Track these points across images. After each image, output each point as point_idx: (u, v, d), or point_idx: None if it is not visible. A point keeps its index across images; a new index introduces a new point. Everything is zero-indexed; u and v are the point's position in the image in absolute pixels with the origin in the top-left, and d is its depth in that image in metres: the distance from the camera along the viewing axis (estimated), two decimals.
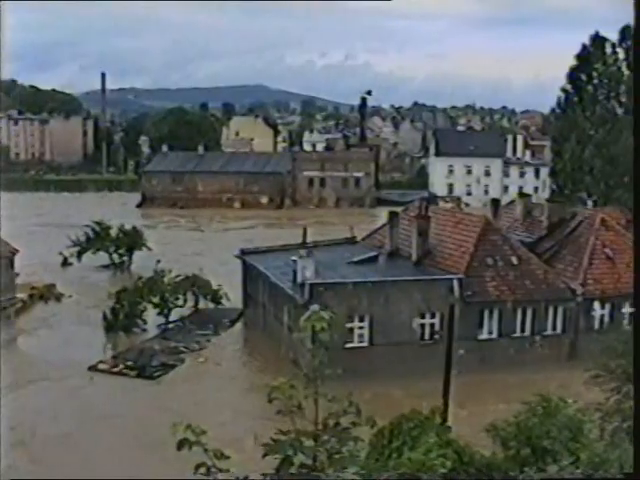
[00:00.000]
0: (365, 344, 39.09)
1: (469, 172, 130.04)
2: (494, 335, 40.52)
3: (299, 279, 39.55)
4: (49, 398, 37.31)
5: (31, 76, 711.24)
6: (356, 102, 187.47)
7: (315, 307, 5.32)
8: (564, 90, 75.65)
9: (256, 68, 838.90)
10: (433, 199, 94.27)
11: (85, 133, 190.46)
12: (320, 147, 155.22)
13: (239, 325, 50.51)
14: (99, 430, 32.92)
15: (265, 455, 5.27)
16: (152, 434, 30.32)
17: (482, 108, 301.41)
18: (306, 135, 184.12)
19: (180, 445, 4.95)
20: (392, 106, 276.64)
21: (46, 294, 56.89)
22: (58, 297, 57.16)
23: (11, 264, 54.64)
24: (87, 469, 28.98)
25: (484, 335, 40.42)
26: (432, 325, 39.60)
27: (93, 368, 41.04)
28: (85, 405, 36.12)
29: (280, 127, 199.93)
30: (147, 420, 33.58)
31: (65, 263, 69.01)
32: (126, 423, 33.94)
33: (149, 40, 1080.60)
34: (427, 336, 39.61)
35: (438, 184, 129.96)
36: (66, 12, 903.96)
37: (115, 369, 40.92)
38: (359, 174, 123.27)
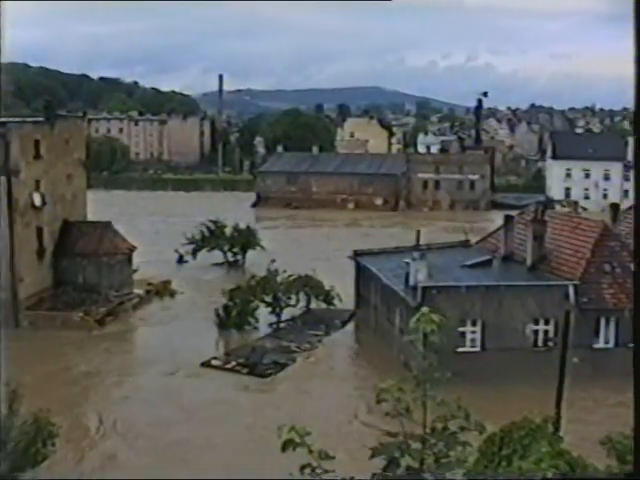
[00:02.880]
0: (477, 349, 38.63)
1: (587, 176, 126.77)
2: (610, 344, 39.33)
3: (412, 281, 39.37)
4: (160, 392, 38.15)
5: (155, 78, 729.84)
6: (472, 104, 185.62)
7: (425, 309, 5.28)
8: None
9: (375, 70, 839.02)
10: (549, 203, 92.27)
11: (202, 133, 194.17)
12: (435, 149, 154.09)
13: (350, 326, 50.57)
14: (207, 425, 33.52)
15: (372, 456, 5.26)
16: (261, 432, 30.70)
17: (602, 110, 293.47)
18: (421, 137, 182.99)
19: (285, 446, 4.97)
20: (508, 108, 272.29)
21: (162, 290, 58.20)
22: (173, 293, 58.42)
23: (129, 260, 56.14)
24: (193, 463, 29.54)
25: (600, 344, 39.37)
26: (546, 332, 38.82)
27: (206, 364, 41.80)
28: (196, 400, 36.82)
29: (395, 129, 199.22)
30: (257, 418, 34.00)
31: (181, 260, 70.49)
32: (237, 419, 34.42)
33: (272, 42, 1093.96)
34: (540, 343, 38.85)
35: (555, 188, 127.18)
36: (192, 15, 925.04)
37: (227, 366, 41.56)
38: (474, 177, 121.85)
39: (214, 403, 36.40)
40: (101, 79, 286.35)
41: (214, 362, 42.21)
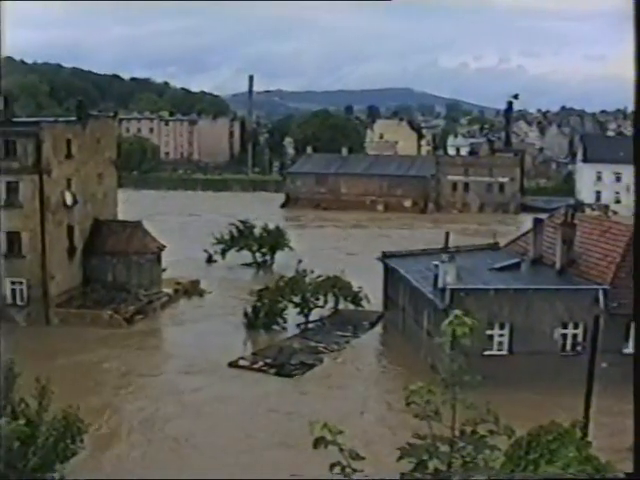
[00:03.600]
0: (504, 352, 38.49)
1: (618, 179, 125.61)
2: None
3: (440, 284, 39.30)
4: (188, 390, 38.36)
5: (186, 79, 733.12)
6: (502, 106, 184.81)
7: (458, 312, 5.29)
8: None
9: (407, 71, 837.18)
10: (579, 206, 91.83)
11: (232, 134, 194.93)
12: (464, 151, 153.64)
13: (378, 328, 50.55)
14: (234, 424, 33.65)
15: (400, 458, 5.27)
16: (289, 431, 30.79)
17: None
18: (450, 139, 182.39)
19: (316, 443, 4.99)
20: (539, 110, 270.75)
21: (190, 290, 58.49)
22: (201, 293, 58.69)
23: (158, 259, 56.46)
24: (220, 459, 29.67)
25: (629, 349, 39.02)
26: (574, 336, 38.59)
27: (233, 364, 41.95)
28: (224, 399, 36.97)
29: (424, 130, 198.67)
30: (285, 417, 34.10)
31: (209, 260, 70.80)
32: (263, 418, 34.52)
33: (303, 43, 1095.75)
34: (569, 347, 38.63)
35: (585, 191, 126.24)
36: (224, 16, 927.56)
37: (255, 366, 41.68)
38: (503, 179, 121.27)
39: (239, 402, 36.55)
40: (132, 79, 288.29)
41: (241, 362, 42.36)
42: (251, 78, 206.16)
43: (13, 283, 50.62)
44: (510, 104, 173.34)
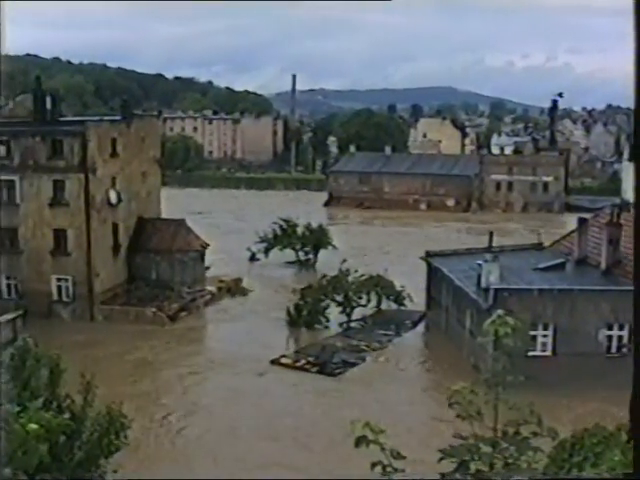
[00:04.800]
0: (548, 353, 38.14)
1: None
2: None
3: (483, 283, 39.08)
4: (230, 387, 38.53)
5: (230, 78, 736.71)
6: (547, 104, 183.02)
7: (500, 312, 5.26)
8: None
9: (452, 70, 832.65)
10: (625, 206, 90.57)
11: (275, 133, 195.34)
12: (508, 150, 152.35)
13: (421, 327, 50.38)
14: (275, 421, 33.75)
15: (442, 459, 5.26)
16: (330, 429, 30.81)
17: None
18: (494, 138, 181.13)
19: (358, 442, 4.99)
20: (584, 108, 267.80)
21: (233, 288, 58.70)
22: (244, 291, 58.87)
23: (202, 257, 56.77)
24: (260, 456, 29.78)
25: None
26: (620, 338, 38.10)
27: (276, 362, 42.08)
28: (265, 396, 37.09)
29: (468, 129, 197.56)
30: (324, 415, 34.13)
31: (253, 258, 71.01)
32: (305, 417, 34.58)
33: (348, 42, 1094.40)
34: (614, 349, 38.15)
35: (631, 190, 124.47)
36: (270, 15, 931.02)
37: (297, 364, 41.76)
38: (548, 178, 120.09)
39: (282, 399, 36.67)
40: (176, 78, 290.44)
41: (283, 360, 42.47)
42: (294, 77, 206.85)
43: (59, 280, 51.26)
44: (555, 102, 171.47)
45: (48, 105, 54.13)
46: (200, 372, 41.71)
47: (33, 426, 9.06)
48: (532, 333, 37.22)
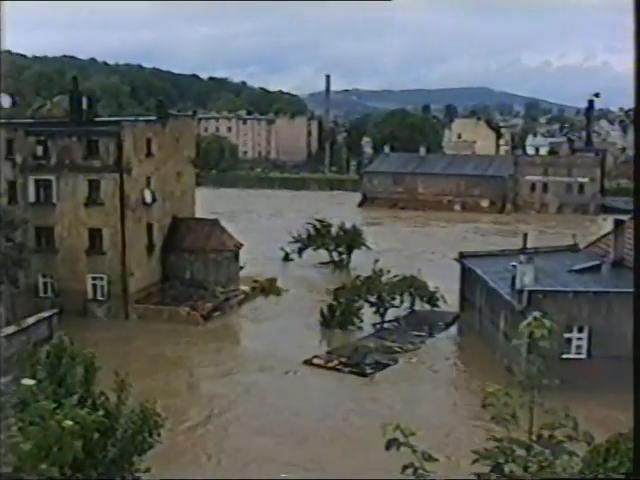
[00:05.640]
0: (583, 356, 37.81)
1: None
2: None
3: (518, 285, 38.81)
4: (264, 387, 38.62)
5: (266, 78, 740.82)
6: (583, 105, 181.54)
7: (536, 313, 5.21)
8: None
9: (488, 70, 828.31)
10: None
11: (309, 133, 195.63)
12: (543, 151, 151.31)
13: (454, 328, 50.17)
14: (306, 421, 33.76)
15: (475, 461, 5.22)
16: (357, 429, 30.77)
17: None
18: (529, 138, 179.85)
19: (389, 445, 4.97)
20: (621, 109, 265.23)
21: (267, 288, 58.81)
22: (278, 291, 58.95)
23: (236, 257, 56.96)
24: (291, 456, 29.80)
25: None
26: None
27: (308, 362, 42.11)
28: (298, 396, 37.14)
29: (503, 130, 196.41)
30: (355, 416, 34.10)
31: (286, 258, 71.13)
32: (337, 417, 34.56)
33: (383, 42, 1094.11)
34: None
35: None
36: (306, 16, 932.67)
37: (329, 364, 41.76)
38: (583, 180, 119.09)
39: (314, 399, 36.69)
40: (210, 79, 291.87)
41: (316, 360, 42.48)
42: (328, 77, 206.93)
43: (94, 279, 51.68)
44: (591, 102, 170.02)
45: (84, 106, 54.61)
46: (233, 372, 41.81)
47: (68, 422, 9.11)
48: (567, 336, 36.93)
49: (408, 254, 72.83)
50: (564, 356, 35.93)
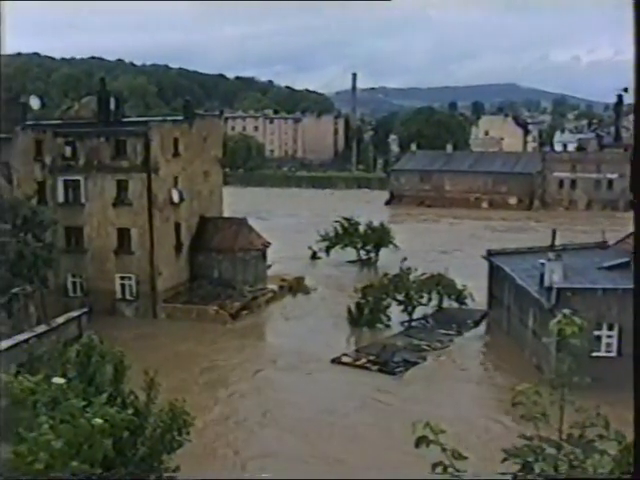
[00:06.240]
0: (613, 354, 37.49)
1: None
2: None
3: (546, 283, 38.59)
4: (291, 384, 38.68)
5: (293, 77, 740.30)
6: (612, 100, 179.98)
7: (566, 311, 5.17)
8: None
9: (516, 66, 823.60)
10: None
11: (336, 131, 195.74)
12: (571, 147, 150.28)
13: (482, 326, 49.98)
14: (335, 420, 33.77)
15: (505, 459, 5.19)
16: (387, 427, 30.72)
17: None
18: (557, 135, 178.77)
19: (418, 442, 4.96)
20: None
21: (295, 286, 58.89)
22: (306, 289, 59.00)
23: (263, 256, 57.06)
24: (320, 453, 29.82)
25: None
26: None
27: (336, 360, 42.10)
28: (325, 394, 37.15)
29: (530, 126, 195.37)
30: (386, 414, 34.06)
31: (314, 257, 71.16)
32: (365, 416, 34.54)
33: (412, 41, 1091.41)
34: None
35: None
36: (334, 15, 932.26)
37: (358, 362, 41.74)
38: (612, 176, 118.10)
39: (343, 397, 36.68)
40: (237, 78, 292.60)
41: (344, 358, 42.49)
42: (354, 75, 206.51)
43: (122, 278, 52.01)
44: (620, 97, 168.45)
45: (112, 106, 54.93)
46: (261, 369, 41.92)
47: (98, 421, 9.19)
48: (596, 333, 36.67)
49: (436, 251, 72.60)
50: (594, 354, 35.68)
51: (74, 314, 42.79)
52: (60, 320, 40.63)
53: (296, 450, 30.70)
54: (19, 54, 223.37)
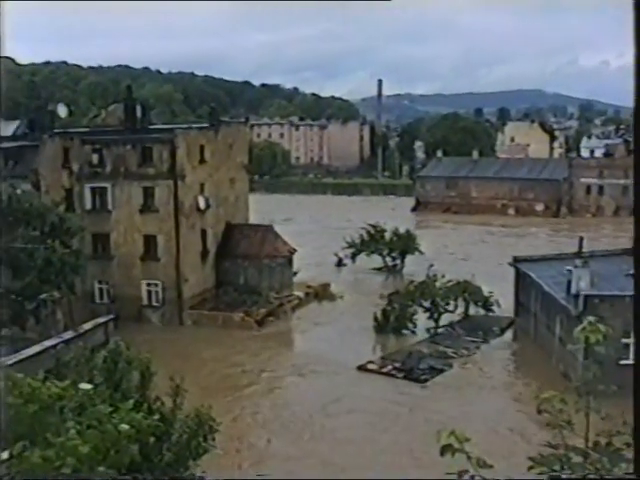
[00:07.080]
0: None
1: None
2: None
3: (573, 289, 38.35)
4: (316, 391, 38.65)
5: (321, 84, 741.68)
6: None
7: (591, 318, 5.15)
8: None
9: (544, 72, 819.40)
10: None
11: (361, 138, 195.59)
12: (599, 153, 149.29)
13: (509, 333, 49.72)
14: (360, 424, 33.73)
15: (531, 468, 5.17)
16: (411, 434, 30.64)
17: None
18: (584, 140, 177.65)
19: (443, 451, 4.94)
20: None
21: (321, 293, 58.88)
22: (332, 297, 58.97)
23: (289, 263, 57.12)
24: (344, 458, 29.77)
25: None
26: None
27: (362, 368, 42.05)
28: (352, 401, 37.11)
29: (556, 132, 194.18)
30: (410, 421, 33.98)
31: (340, 264, 71.13)
32: (391, 422, 34.47)
33: (440, 47, 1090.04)
34: None
35: None
36: (362, 21, 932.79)
37: (383, 370, 41.67)
38: None
39: (369, 404, 36.64)
40: (262, 85, 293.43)
41: (370, 366, 42.43)
42: (380, 82, 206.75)
43: (149, 285, 52.26)
44: None
45: (138, 114, 55.33)
46: (287, 375, 41.99)
47: (124, 426, 9.25)
48: (624, 341, 36.35)
49: (461, 258, 72.39)
50: (622, 362, 35.37)
51: (101, 320, 42.97)
52: (87, 326, 40.81)
53: (324, 456, 30.70)
54: (47, 62, 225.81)
